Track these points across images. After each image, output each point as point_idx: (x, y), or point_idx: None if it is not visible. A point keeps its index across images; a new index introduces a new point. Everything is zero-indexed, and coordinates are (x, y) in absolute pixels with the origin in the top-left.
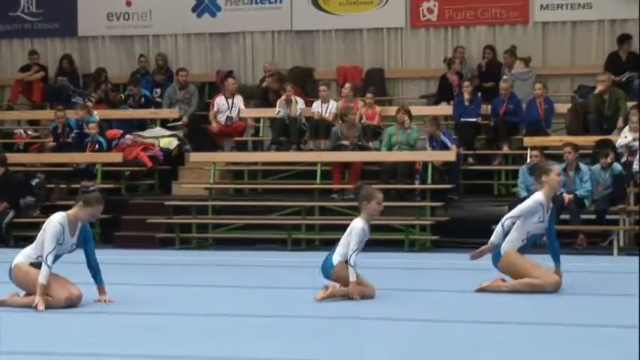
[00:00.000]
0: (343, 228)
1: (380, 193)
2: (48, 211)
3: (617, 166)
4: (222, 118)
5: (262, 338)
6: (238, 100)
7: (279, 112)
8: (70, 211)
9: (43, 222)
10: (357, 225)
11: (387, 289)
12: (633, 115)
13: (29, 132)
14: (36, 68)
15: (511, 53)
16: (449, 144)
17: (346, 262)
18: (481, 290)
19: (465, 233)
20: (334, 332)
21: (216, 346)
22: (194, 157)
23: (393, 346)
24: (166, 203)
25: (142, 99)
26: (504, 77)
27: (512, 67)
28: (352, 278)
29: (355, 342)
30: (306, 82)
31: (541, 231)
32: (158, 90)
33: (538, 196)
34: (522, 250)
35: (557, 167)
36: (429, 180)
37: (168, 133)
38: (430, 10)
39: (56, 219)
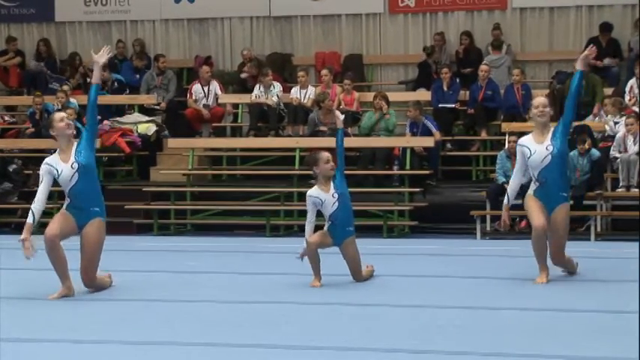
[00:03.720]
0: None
1: (323, 152)
2: (25, 197)
3: (595, 152)
4: (199, 105)
5: (239, 324)
6: (214, 86)
7: (257, 95)
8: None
9: (20, 208)
10: (308, 194)
11: None
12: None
13: (6, 117)
14: (12, 54)
15: (498, 31)
16: (433, 129)
17: None
18: None
19: (443, 219)
20: (311, 318)
21: (193, 332)
22: (172, 142)
23: (372, 331)
24: (144, 189)
25: (115, 83)
26: (485, 61)
27: (499, 41)
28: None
29: (332, 327)
30: (284, 68)
31: None
32: (138, 76)
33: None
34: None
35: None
36: (408, 166)
37: (147, 118)
38: None
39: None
